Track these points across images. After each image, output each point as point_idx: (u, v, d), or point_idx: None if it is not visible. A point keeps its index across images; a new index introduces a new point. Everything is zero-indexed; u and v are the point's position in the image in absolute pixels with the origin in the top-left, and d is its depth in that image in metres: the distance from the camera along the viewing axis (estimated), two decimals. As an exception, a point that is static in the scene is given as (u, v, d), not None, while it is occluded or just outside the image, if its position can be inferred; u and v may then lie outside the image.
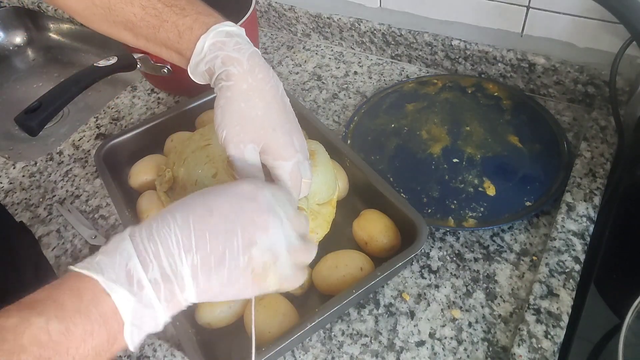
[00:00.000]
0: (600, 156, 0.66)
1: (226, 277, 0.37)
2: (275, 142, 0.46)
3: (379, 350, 0.54)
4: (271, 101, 0.47)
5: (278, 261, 0.38)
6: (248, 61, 0.46)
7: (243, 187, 0.39)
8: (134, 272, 0.34)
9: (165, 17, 0.47)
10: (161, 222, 0.36)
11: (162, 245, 0.35)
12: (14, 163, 0.82)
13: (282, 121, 0.47)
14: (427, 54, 0.86)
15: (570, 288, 0.55)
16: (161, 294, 0.35)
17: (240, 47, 0.46)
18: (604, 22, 0.69)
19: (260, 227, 0.38)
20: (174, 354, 0.55)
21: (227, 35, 0.46)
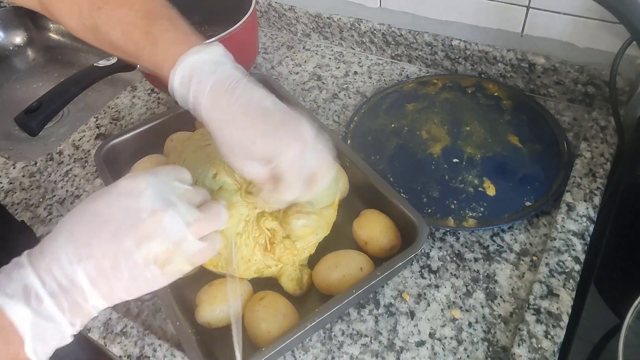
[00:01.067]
0: (600, 156, 0.66)
1: (127, 276, 0.37)
2: (262, 151, 0.46)
3: (379, 350, 0.54)
4: (242, 118, 0.46)
5: (180, 244, 0.38)
6: (210, 94, 0.45)
7: (121, 184, 0.39)
8: (31, 287, 0.34)
9: (142, 46, 0.48)
10: (51, 238, 0.37)
11: (53, 259, 0.35)
12: (14, 163, 0.82)
13: (258, 129, 0.46)
14: (427, 54, 0.86)
15: (570, 288, 0.55)
16: (64, 305, 0.35)
17: (201, 82, 0.45)
18: (604, 22, 0.69)
19: (149, 220, 0.37)
20: (174, 354, 0.55)
21: (192, 70, 0.46)
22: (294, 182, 0.47)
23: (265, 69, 0.93)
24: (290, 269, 0.58)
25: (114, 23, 0.49)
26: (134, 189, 0.38)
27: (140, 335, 0.56)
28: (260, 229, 0.56)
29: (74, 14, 0.51)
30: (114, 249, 0.36)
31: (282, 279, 0.58)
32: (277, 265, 0.57)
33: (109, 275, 0.36)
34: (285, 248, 0.56)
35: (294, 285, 0.57)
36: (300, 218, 0.55)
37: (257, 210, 0.57)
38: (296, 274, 0.58)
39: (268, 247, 0.56)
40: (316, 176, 0.48)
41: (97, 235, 0.36)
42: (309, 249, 0.59)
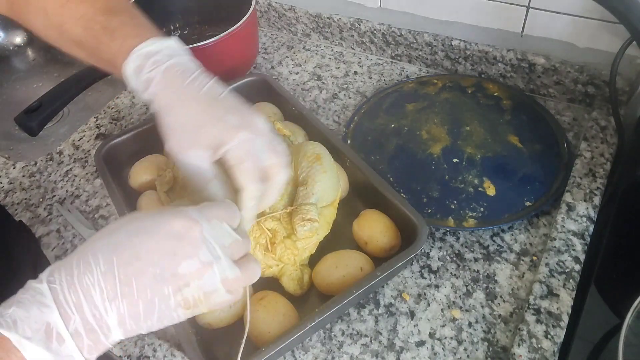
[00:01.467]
0: (600, 156, 0.66)
1: (156, 318, 0.35)
2: (209, 136, 0.44)
3: (379, 350, 0.54)
4: (191, 102, 0.45)
5: (211, 295, 0.37)
6: (163, 76, 0.45)
7: (174, 223, 0.36)
8: (53, 327, 0.32)
9: (101, 39, 0.48)
10: (83, 267, 0.34)
11: (85, 296, 0.33)
12: (14, 163, 0.82)
13: (207, 114, 0.45)
14: (427, 54, 0.86)
15: (570, 288, 0.55)
16: (84, 345, 0.33)
17: (156, 67, 0.45)
18: (604, 22, 0.69)
19: (190, 272, 0.36)
20: (174, 354, 0.55)
21: (147, 57, 0.46)
22: (245, 171, 0.44)
23: (265, 69, 0.93)
24: (291, 268, 0.58)
25: (76, 19, 0.49)
26: (187, 235, 0.36)
27: (140, 335, 0.56)
28: (260, 229, 0.56)
29: (39, 13, 0.52)
30: (153, 292, 0.35)
31: (283, 279, 0.58)
32: (278, 265, 0.57)
33: (140, 316, 0.35)
34: (286, 248, 0.56)
35: (295, 285, 0.57)
36: (306, 225, 0.55)
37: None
38: (297, 273, 0.58)
39: (269, 247, 0.56)
40: (270, 172, 0.45)
41: (139, 276, 0.34)
42: (309, 248, 0.59)
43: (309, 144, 0.63)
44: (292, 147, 0.65)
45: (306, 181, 0.58)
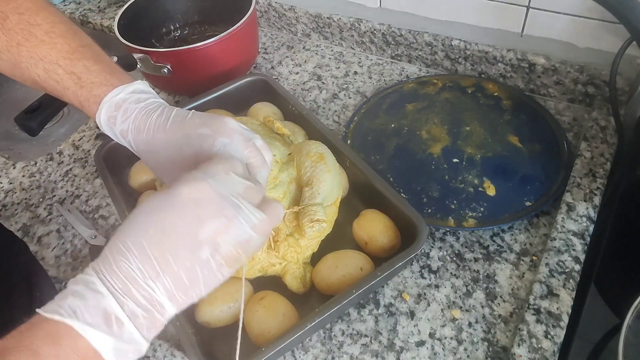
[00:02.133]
0: (600, 156, 0.66)
1: (203, 284, 0.36)
2: (191, 155, 0.45)
3: (379, 350, 0.54)
4: (162, 136, 0.46)
5: (248, 244, 0.38)
6: (134, 123, 0.46)
7: (184, 190, 0.37)
8: (111, 312, 0.34)
9: (66, 85, 0.48)
10: (117, 255, 0.35)
11: (129, 280, 0.34)
12: (14, 163, 0.82)
13: (181, 136, 0.46)
14: (427, 54, 0.86)
15: (570, 288, 0.55)
16: (143, 324, 0.35)
17: (127, 116, 0.46)
18: (604, 22, 0.69)
19: (219, 229, 0.36)
20: (174, 354, 0.55)
21: (117, 108, 0.47)
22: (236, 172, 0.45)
23: (265, 69, 0.93)
24: (294, 267, 0.58)
25: (35, 60, 0.48)
26: (200, 197, 0.37)
27: (140, 335, 0.56)
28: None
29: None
30: (191, 261, 0.36)
31: (286, 277, 0.58)
32: (281, 263, 0.57)
33: (187, 287, 0.36)
34: (289, 246, 0.56)
35: (298, 283, 0.57)
36: (314, 226, 0.55)
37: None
38: (300, 271, 0.58)
39: (272, 245, 0.56)
40: (252, 166, 0.46)
41: (173, 250, 0.35)
42: (312, 246, 0.59)
43: (311, 144, 0.63)
44: (293, 146, 0.65)
45: (311, 181, 0.58)
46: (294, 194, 0.60)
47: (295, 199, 0.59)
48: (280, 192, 0.59)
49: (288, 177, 0.60)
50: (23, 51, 0.48)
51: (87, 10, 1.15)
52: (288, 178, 0.60)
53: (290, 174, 0.61)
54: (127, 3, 0.87)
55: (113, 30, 0.82)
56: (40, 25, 0.48)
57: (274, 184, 0.59)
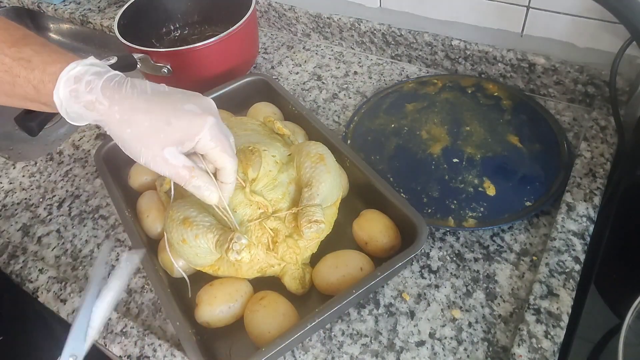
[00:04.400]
0: (600, 156, 0.66)
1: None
2: (179, 129, 0.46)
3: (379, 350, 0.54)
4: (146, 105, 0.46)
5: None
6: (103, 95, 0.45)
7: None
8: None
9: (16, 72, 0.45)
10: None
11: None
12: (14, 163, 0.82)
13: (170, 109, 0.46)
14: (427, 54, 0.86)
15: (570, 288, 0.55)
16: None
17: (91, 87, 0.45)
18: (604, 22, 0.69)
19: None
20: (174, 354, 0.55)
21: (76, 80, 0.45)
22: (224, 151, 0.47)
23: (265, 69, 0.93)
24: (293, 267, 0.58)
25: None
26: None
27: (140, 335, 0.56)
28: (263, 229, 0.56)
29: None
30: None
31: (285, 278, 0.58)
32: (280, 264, 0.57)
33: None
34: (288, 247, 0.56)
35: (297, 284, 0.57)
36: (312, 227, 0.55)
37: (259, 211, 0.57)
38: (299, 272, 0.58)
39: (271, 246, 0.56)
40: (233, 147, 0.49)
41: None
42: (311, 247, 0.59)
43: (311, 144, 0.63)
44: (293, 147, 0.65)
45: (311, 182, 0.58)
46: (294, 195, 0.60)
47: (295, 200, 0.59)
48: (280, 192, 0.59)
49: (288, 178, 0.60)
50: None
51: (87, 10, 1.15)
52: (288, 179, 0.60)
53: (290, 174, 0.61)
54: (127, 3, 0.87)
55: (113, 30, 0.82)
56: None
57: (274, 185, 0.59)
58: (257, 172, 0.58)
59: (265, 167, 0.59)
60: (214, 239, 0.53)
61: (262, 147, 0.61)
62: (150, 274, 0.57)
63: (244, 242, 0.51)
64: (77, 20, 1.15)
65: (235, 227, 0.54)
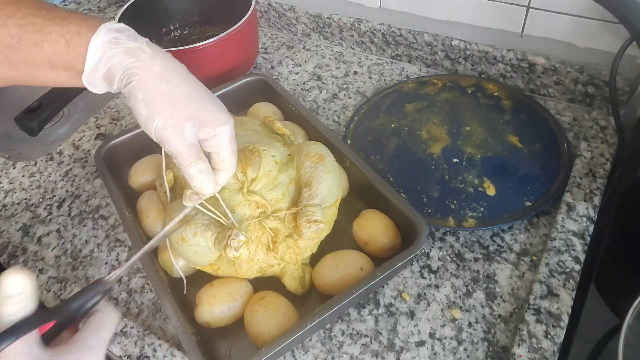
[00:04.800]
0: (600, 156, 0.66)
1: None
2: (209, 111, 0.45)
3: (379, 350, 0.54)
4: (187, 76, 0.46)
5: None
6: (148, 46, 0.44)
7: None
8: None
9: (48, 30, 0.43)
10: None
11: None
12: (14, 163, 0.82)
13: (205, 91, 0.47)
14: (427, 54, 0.86)
15: (570, 288, 0.55)
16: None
17: (135, 38, 0.44)
18: (604, 22, 0.69)
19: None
20: (174, 354, 0.55)
21: (119, 31, 0.43)
22: (232, 155, 0.48)
23: (265, 69, 0.93)
24: (293, 267, 0.58)
25: (2, 21, 0.43)
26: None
27: (140, 335, 0.56)
28: (262, 229, 0.56)
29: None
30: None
31: (284, 278, 0.58)
32: (279, 264, 0.57)
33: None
34: (288, 247, 0.56)
35: (297, 284, 0.57)
36: (312, 227, 0.55)
37: (258, 210, 0.57)
38: (299, 272, 0.58)
39: (271, 246, 0.56)
40: None
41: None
42: (311, 247, 0.59)
43: (311, 144, 0.63)
44: (293, 147, 0.65)
45: (310, 182, 0.58)
46: (294, 195, 0.60)
47: (294, 200, 0.59)
48: (280, 192, 0.58)
49: (287, 178, 0.60)
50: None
51: (87, 10, 1.15)
52: (287, 179, 0.60)
53: (289, 174, 0.61)
54: (127, 3, 0.87)
55: (113, 30, 0.82)
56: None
57: (273, 185, 0.59)
58: (257, 172, 0.58)
59: (265, 167, 0.59)
60: (213, 236, 0.53)
61: (262, 147, 0.61)
62: (150, 274, 0.57)
63: (242, 239, 0.51)
64: None
65: (233, 224, 0.54)
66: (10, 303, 0.36)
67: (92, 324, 0.41)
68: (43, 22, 0.43)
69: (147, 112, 0.44)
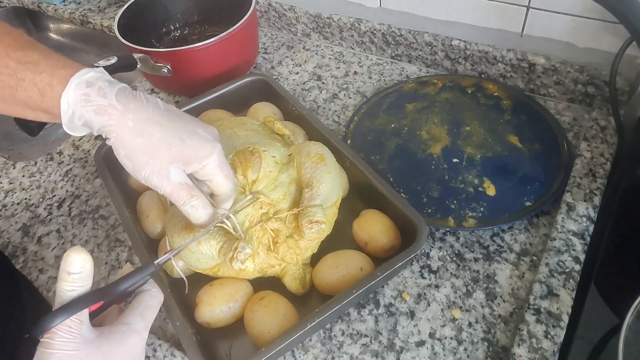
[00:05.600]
0: (600, 156, 0.66)
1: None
2: (191, 148, 0.46)
3: (379, 350, 0.54)
4: (160, 119, 0.46)
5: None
6: (118, 100, 0.44)
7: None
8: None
9: (21, 76, 0.44)
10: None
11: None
12: (14, 163, 0.82)
13: (182, 127, 0.47)
14: (427, 54, 0.86)
15: (570, 288, 0.55)
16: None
17: (104, 92, 0.44)
18: (604, 22, 0.69)
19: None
20: (174, 354, 0.55)
21: (88, 85, 0.44)
22: (228, 179, 0.49)
23: (265, 69, 0.93)
24: (294, 268, 0.58)
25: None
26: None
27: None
28: (263, 230, 0.56)
29: None
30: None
31: (285, 279, 0.58)
32: (280, 264, 0.57)
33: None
34: (289, 247, 0.56)
35: (297, 284, 0.57)
36: (313, 227, 0.55)
37: (261, 211, 0.57)
38: (299, 273, 0.58)
39: (271, 246, 0.56)
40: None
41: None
42: (312, 247, 0.59)
43: (311, 144, 0.63)
44: (293, 147, 0.65)
45: (311, 182, 0.58)
46: (294, 195, 0.59)
47: (295, 200, 0.59)
48: (280, 193, 0.58)
49: (288, 178, 0.60)
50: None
51: (87, 10, 1.15)
52: (288, 179, 0.60)
53: (290, 175, 0.61)
54: (127, 3, 0.87)
55: (113, 30, 0.82)
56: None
57: (274, 185, 0.59)
58: (257, 173, 0.58)
59: (265, 167, 0.59)
60: (218, 245, 0.53)
61: (262, 147, 0.61)
62: (150, 274, 0.57)
63: (248, 252, 0.51)
64: (77, 20, 1.15)
65: (240, 236, 0.54)
66: (69, 279, 0.38)
67: (139, 305, 0.42)
68: (17, 67, 0.44)
69: (132, 166, 0.46)
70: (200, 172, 0.48)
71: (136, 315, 0.41)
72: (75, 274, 0.38)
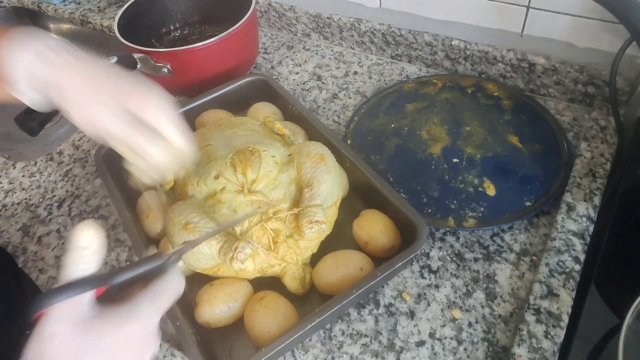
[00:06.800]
0: (600, 156, 0.66)
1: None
2: (129, 85, 0.48)
3: (379, 350, 0.54)
4: (102, 67, 0.49)
5: None
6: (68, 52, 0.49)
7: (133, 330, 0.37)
8: None
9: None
10: None
11: None
12: (14, 163, 0.82)
13: (128, 74, 0.49)
14: (427, 54, 0.86)
15: (570, 288, 0.55)
16: None
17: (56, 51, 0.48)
18: (604, 22, 0.69)
19: None
20: (174, 354, 0.55)
21: (47, 46, 0.48)
22: (171, 122, 0.48)
23: (265, 69, 0.93)
24: (294, 268, 0.58)
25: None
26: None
27: (140, 335, 0.56)
28: (263, 229, 0.56)
29: None
30: None
31: (285, 278, 0.58)
32: (280, 264, 0.57)
33: None
34: (289, 247, 0.56)
35: (297, 284, 0.57)
36: (313, 227, 0.55)
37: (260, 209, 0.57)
38: (299, 272, 0.58)
39: (271, 246, 0.56)
40: None
41: None
42: (312, 247, 0.59)
43: (311, 144, 0.63)
44: (293, 147, 0.65)
45: (311, 182, 0.58)
46: (294, 195, 0.60)
47: (295, 200, 0.59)
48: (281, 193, 0.59)
49: (288, 178, 0.60)
50: None
51: (87, 10, 1.15)
52: (288, 179, 0.60)
53: (290, 174, 0.61)
54: (127, 3, 0.87)
55: (113, 30, 0.82)
56: None
57: (274, 185, 0.59)
58: (257, 173, 0.58)
59: (265, 167, 0.59)
60: (218, 245, 0.53)
61: (262, 147, 0.61)
62: (150, 274, 0.57)
63: (249, 252, 0.51)
64: (77, 20, 1.15)
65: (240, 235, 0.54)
66: (74, 254, 0.37)
67: (153, 288, 0.39)
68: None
69: (82, 98, 0.49)
70: (144, 115, 0.47)
71: (147, 299, 0.37)
72: (81, 250, 0.36)
